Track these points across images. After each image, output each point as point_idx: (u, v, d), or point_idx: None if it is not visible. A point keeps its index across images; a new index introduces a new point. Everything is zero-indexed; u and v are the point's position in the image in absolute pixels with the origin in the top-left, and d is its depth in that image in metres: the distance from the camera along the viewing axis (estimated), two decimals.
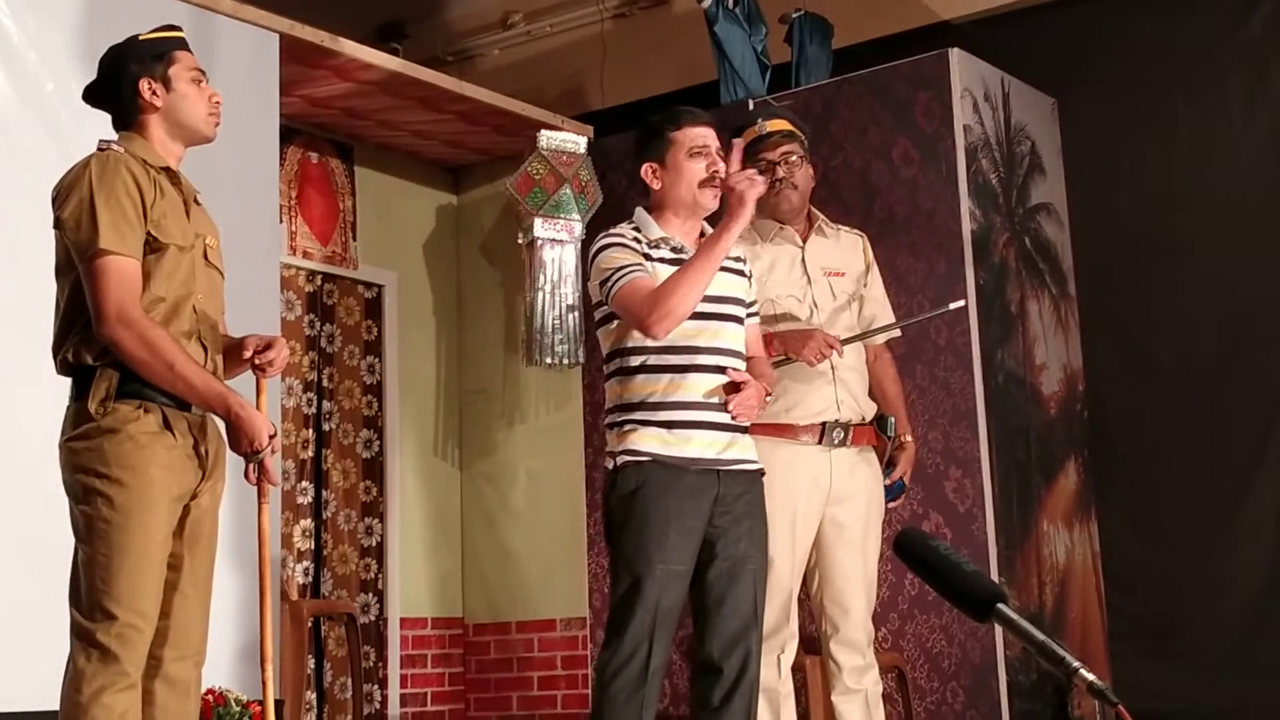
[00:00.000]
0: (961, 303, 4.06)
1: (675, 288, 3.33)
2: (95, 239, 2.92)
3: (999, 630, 5.10)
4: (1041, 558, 5.47)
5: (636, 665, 3.28)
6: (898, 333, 4.24)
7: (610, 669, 3.30)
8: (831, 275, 3.99)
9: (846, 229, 4.15)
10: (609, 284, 3.40)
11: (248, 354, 3.16)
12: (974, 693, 5.16)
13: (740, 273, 3.56)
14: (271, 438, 3.04)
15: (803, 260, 3.99)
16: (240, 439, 3.02)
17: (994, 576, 5.08)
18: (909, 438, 4.09)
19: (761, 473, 3.51)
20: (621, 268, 3.39)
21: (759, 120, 4.05)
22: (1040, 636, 1.62)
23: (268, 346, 3.17)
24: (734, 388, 3.40)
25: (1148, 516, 5.69)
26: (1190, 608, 5.52)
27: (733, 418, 3.40)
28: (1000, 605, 1.65)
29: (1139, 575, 5.70)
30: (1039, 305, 5.75)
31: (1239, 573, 5.46)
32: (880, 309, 4.12)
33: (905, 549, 1.74)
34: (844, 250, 4.07)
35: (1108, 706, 1.57)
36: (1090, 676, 1.58)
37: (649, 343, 3.39)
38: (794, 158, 4.00)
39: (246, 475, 3.08)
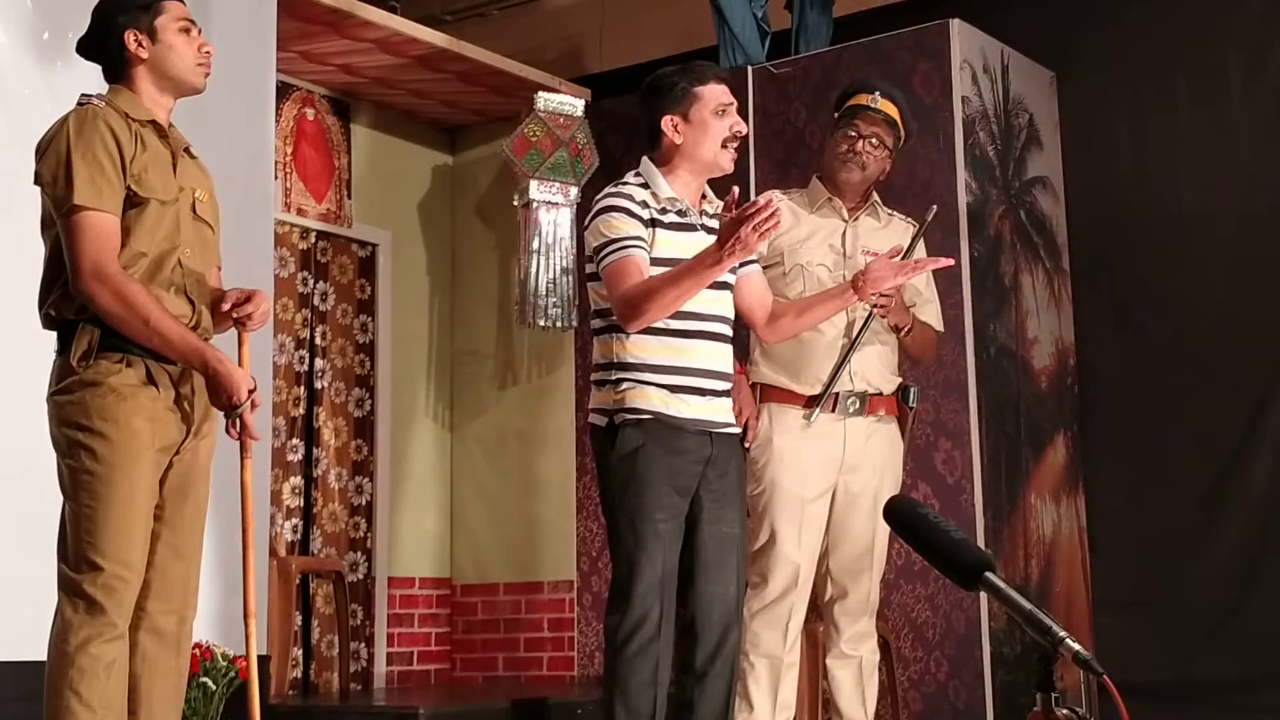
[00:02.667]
0: (934, 208, 4.06)
1: (660, 298, 3.29)
2: (71, 195, 2.91)
3: (984, 601, 5.12)
4: (1028, 530, 5.49)
5: (650, 626, 3.28)
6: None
7: (623, 632, 3.28)
8: (871, 255, 3.98)
9: (901, 216, 4.15)
10: (603, 253, 3.38)
11: (226, 306, 3.15)
12: (957, 663, 5.18)
13: None
14: (251, 392, 3.03)
15: (844, 235, 3.99)
16: (219, 394, 3.01)
17: (981, 548, 5.10)
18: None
19: (741, 437, 3.54)
20: (620, 240, 3.36)
21: (875, 92, 4.02)
22: (1027, 605, 1.63)
23: (247, 299, 3.15)
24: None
25: (1135, 492, 5.71)
26: (1175, 582, 5.54)
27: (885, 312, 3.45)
28: (988, 573, 1.66)
29: (1125, 550, 5.72)
30: (1032, 279, 5.75)
31: (1224, 549, 5.48)
32: (920, 294, 4.09)
33: (895, 516, 1.75)
34: (892, 235, 4.06)
35: (1092, 677, 1.58)
36: (1076, 646, 1.59)
37: None
38: (877, 143, 3.98)
39: (228, 430, 3.08)
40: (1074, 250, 5.97)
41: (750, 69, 5.95)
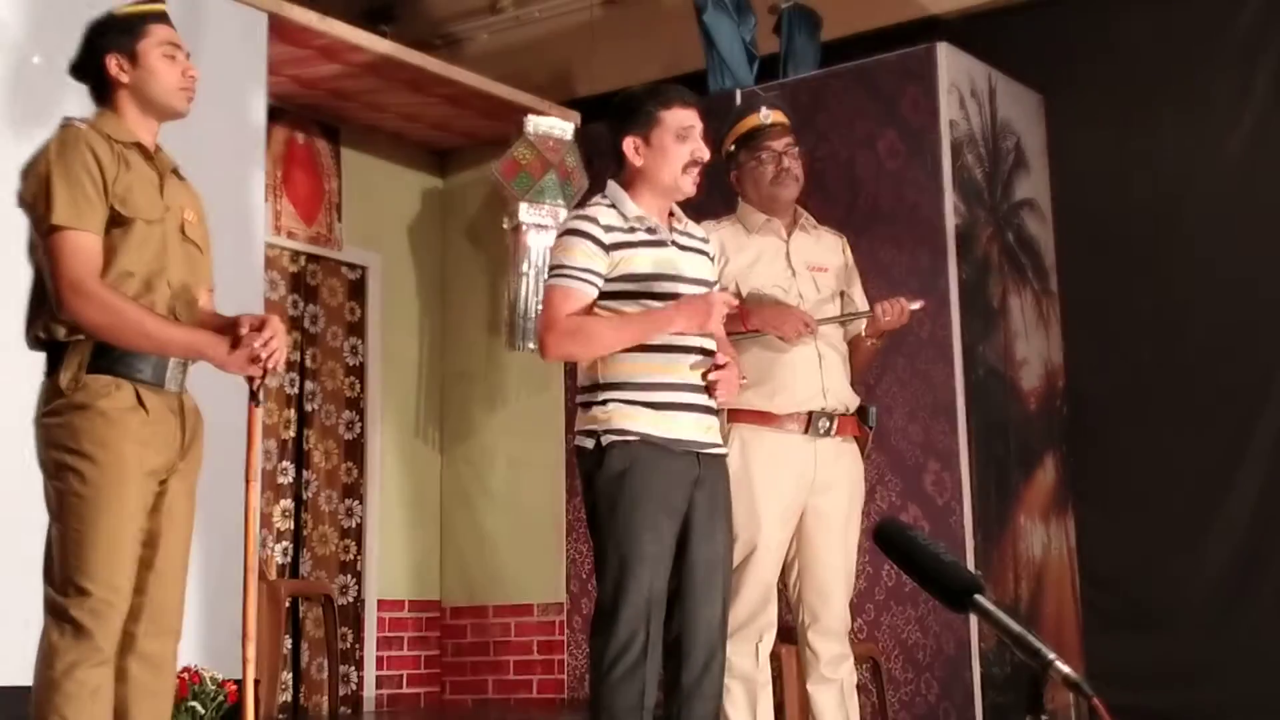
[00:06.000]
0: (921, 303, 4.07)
1: (593, 339, 3.31)
2: (50, 214, 2.91)
3: (974, 623, 5.12)
4: (1018, 551, 5.50)
5: (636, 649, 3.24)
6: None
7: (609, 656, 3.24)
8: (815, 270, 4.00)
9: (827, 229, 4.16)
10: (552, 273, 3.37)
11: (243, 330, 3.10)
12: (948, 684, 5.18)
13: (707, 254, 3.57)
14: (259, 360, 3.02)
15: (787, 254, 3.99)
16: (237, 369, 3.03)
17: (970, 569, 5.10)
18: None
19: (726, 456, 3.53)
20: (572, 268, 3.35)
21: (761, 108, 4.04)
22: (1016, 628, 1.63)
23: (263, 325, 3.11)
24: (714, 368, 3.41)
25: (1124, 512, 5.72)
26: (1164, 603, 5.55)
27: (711, 396, 3.40)
28: (977, 596, 1.66)
29: (1114, 571, 5.73)
30: (1020, 301, 5.77)
31: (1213, 570, 5.49)
32: (860, 308, 4.13)
33: (884, 538, 1.75)
34: (825, 248, 4.08)
35: (1082, 699, 1.58)
36: (1066, 669, 1.59)
37: None
38: (795, 150, 4.01)
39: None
40: (1062, 272, 6.00)
41: (738, 92, 5.97)
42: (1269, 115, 5.62)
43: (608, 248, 3.37)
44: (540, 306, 3.42)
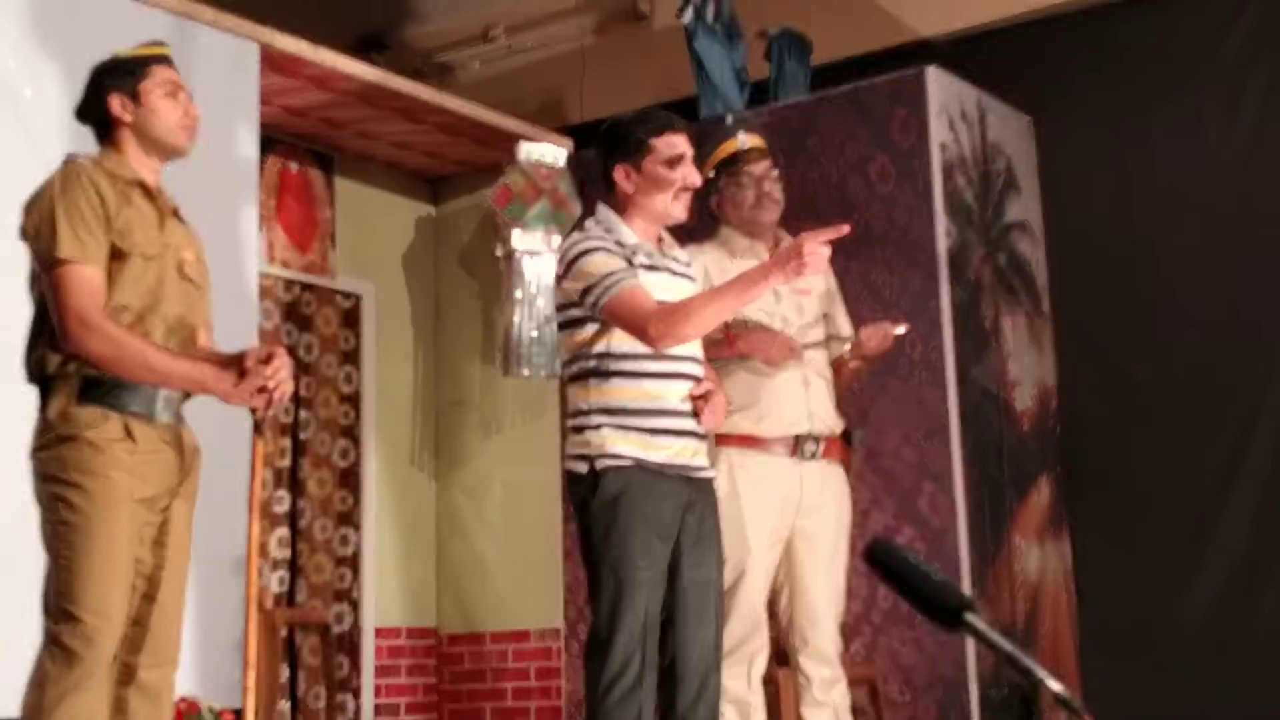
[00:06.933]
0: (905, 327, 4.08)
1: (695, 313, 3.31)
2: (55, 248, 2.95)
3: (971, 644, 5.12)
4: (1013, 573, 5.50)
5: (631, 674, 3.24)
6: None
7: (604, 681, 3.25)
8: (798, 293, 4.01)
9: None
10: (598, 290, 3.34)
11: (249, 363, 3.10)
12: (945, 706, 5.18)
13: (690, 278, 3.58)
14: (265, 390, 3.03)
15: None
16: (243, 401, 3.04)
17: (966, 591, 5.10)
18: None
19: (714, 479, 3.54)
20: (611, 274, 3.34)
21: (739, 134, 4.05)
22: (1008, 647, 1.63)
23: (269, 357, 3.09)
24: (701, 395, 3.41)
25: (1120, 533, 5.73)
26: (1162, 622, 5.55)
27: (699, 421, 3.41)
28: (969, 615, 1.67)
29: (1111, 591, 5.72)
30: (1013, 322, 5.78)
31: (1210, 588, 5.49)
32: (843, 330, 4.15)
33: (875, 558, 1.76)
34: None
35: (1074, 718, 1.59)
36: (1056, 687, 1.59)
37: (628, 348, 3.37)
38: (774, 174, 4.02)
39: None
40: (1054, 293, 6.01)
41: (729, 118, 5.99)
42: (1259, 135, 5.65)
43: (625, 259, 3.39)
44: (616, 314, 3.31)
